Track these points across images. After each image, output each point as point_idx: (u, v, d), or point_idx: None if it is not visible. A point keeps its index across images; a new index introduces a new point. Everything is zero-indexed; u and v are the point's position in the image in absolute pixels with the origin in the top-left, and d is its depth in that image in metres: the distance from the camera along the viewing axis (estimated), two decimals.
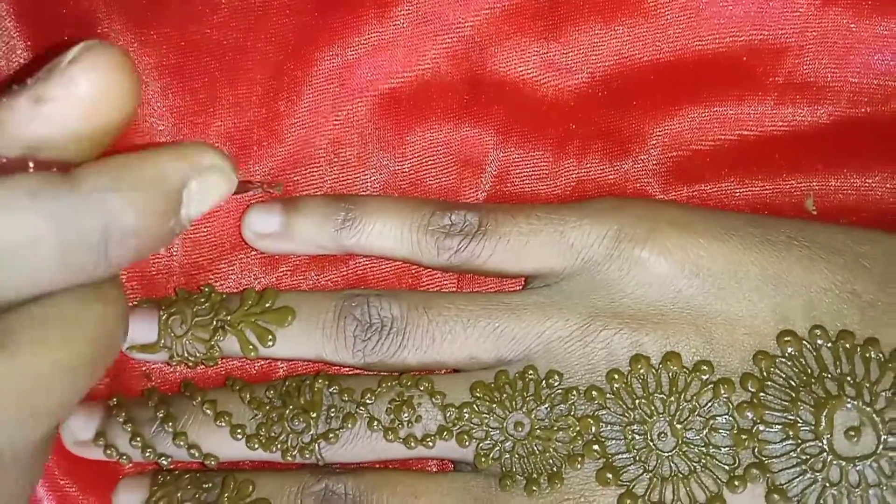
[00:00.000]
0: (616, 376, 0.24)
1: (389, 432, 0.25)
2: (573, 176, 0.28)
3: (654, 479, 0.23)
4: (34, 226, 0.15)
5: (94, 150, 0.17)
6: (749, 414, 0.23)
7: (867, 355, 0.23)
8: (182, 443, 0.25)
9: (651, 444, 0.23)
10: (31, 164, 0.16)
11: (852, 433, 0.22)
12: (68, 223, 0.16)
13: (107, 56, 0.16)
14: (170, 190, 0.17)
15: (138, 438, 0.25)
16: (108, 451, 0.26)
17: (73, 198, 0.16)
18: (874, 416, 0.22)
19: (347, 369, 0.27)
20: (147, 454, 0.25)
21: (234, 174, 0.18)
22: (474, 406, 0.24)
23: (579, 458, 0.23)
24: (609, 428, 0.24)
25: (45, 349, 0.16)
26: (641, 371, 0.24)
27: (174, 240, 0.17)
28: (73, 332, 0.17)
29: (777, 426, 0.23)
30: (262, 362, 0.27)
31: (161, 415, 0.26)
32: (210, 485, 0.25)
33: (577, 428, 0.24)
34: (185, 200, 0.18)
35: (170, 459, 0.26)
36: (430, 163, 0.28)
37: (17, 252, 0.15)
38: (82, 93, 0.16)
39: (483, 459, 0.24)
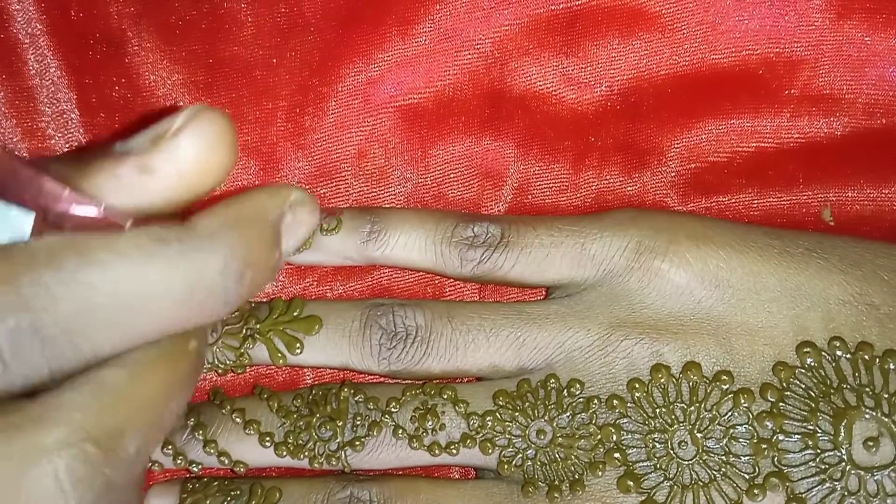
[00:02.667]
0: (637, 385, 0.24)
1: (414, 440, 0.25)
2: (593, 188, 0.28)
3: (675, 487, 0.23)
4: (165, 272, 0.16)
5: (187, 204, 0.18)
6: (768, 423, 0.23)
7: (886, 367, 0.23)
8: (212, 450, 0.26)
9: (672, 452, 0.24)
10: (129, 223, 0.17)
11: (871, 443, 0.23)
12: (193, 266, 0.16)
13: (213, 124, 0.17)
14: (270, 224, 0.18)
15: (170, 446, 0.26)
16: None
17: (195, 242, 0.16)
18: (892, 426, 0.22)
19: (373, 378, 0.27)
20: (178, 461, 0.26)
21: (318, 207, 0.19)
22: (497, 414, 0.25)
23: (601, 466, 0.24)
24: (630, 436, 0.24)
25: (166, 368, 0.17)
26: (662, 380, 0.24)
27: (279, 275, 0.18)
28: (184, 353, 0.18)
29: (796, 436, 0.23)
30: (289, 370, 0.28)
31: (192, 423, 0.26)
32: (238, 491, 0.26)
33: (599, 436, 0.24)
34: (283, 233, 0.18)
35: (200, 466, 0.26)
36: (452, 175, 0.28)
37: (151, 299, 0.16)
38: (189, 166, 0.17)
39: (506, 467, 0.24)
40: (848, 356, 0.23)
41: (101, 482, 0.15)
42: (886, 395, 0.23)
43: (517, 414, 0.25)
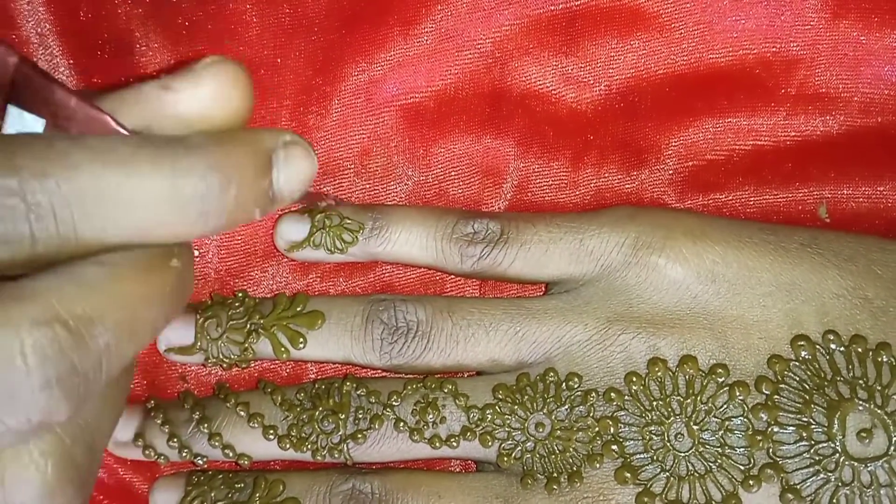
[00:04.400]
0: (634, 379, 0.24)
1: (415, 433, 0.25)
2: (591, 185, 0.28)
3: (672, 478, 0.24)
4: (144, 169, 0.17)
5: None
6: (763, 415, 0.23)
7: (879, 359, 0.23)
8: (217, 443, 0.26)
9: (668, 444, 0.24)
10: None
11: (864, 435, 0.23)
12: (177, 169, 0.17)
13: (231, 69, 0.18)
14: (261, 150, 0.19)
15: (175, 439, 0.26)
16: (147, 452, 0.27)
17: (182, 147, 0.17)
18: (886, 418, 0.23)
19: (375, 372, 0.27)
20: (183, 454, 0.26)
21: (314, 154, 0.20)
22: (497, 407, 0.25)
23: (598, 458, 0.24)
24: (627, 428, 0.24)
25: (145, 275, 0.18)
26: (659, 374, 0.24)
27: (273, 208, 0.19)
28: (165, 267, 0.18)
29: (791, 427, 0.23)
30: (293, 365, 0.28)
31: (197, 416, 0.26)
32: (242, 484, 0.26)
33: (597, 428, 0.24)
34: (276, 164, 0.19)
35: (205, 459, 0.26)
36: (453, 173, 0.28)
37: (128, 194, 0.17)
38: (203, 91, 0.18)
39: (505, 459, 0.25)
40: (842, 349, 0.24)
41: (67, 365, 0.16)
42: (879, 387, 0.23)
43: (516, 407, 0.25)
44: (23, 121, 0.17)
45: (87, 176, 0.16)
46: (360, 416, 0.26)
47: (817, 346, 0.24)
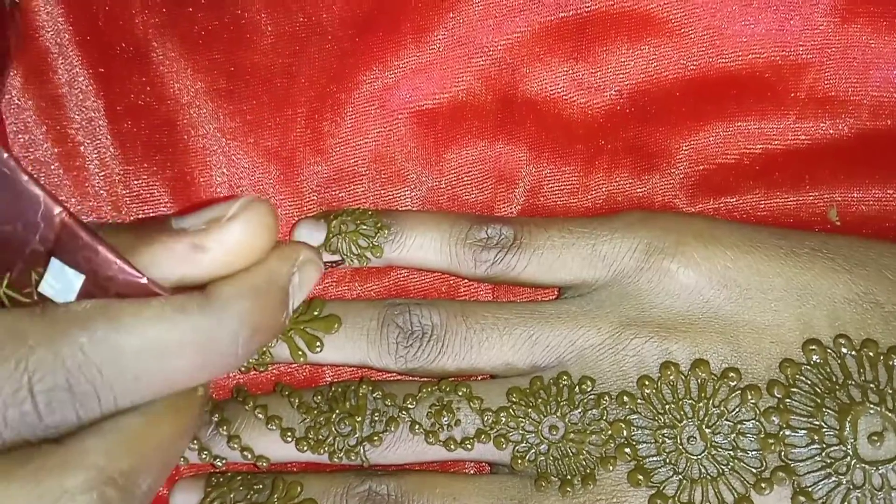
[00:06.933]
0: (647, 382, 0.24)
1: (430, 435, 0.25)
2: (603, 190, 0.28)
3: (684, 481, 0.24)
4: (182, 336, 0.18)
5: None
6: (775, 419, 0.23)
7: (890, 363, 0.23)
8: (236, 445, 0.26)
9: (681, 447, 0.24)
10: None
11: (875, 438, 0.23)
12: (208, 333, 0.18)
13: (261, 215, 0.19)
14: (281, 288, 0.20)
15: (195, 441, 0.26)
16: None
17: (211, 311, 0.18)
18: None
19: (390, 375, 0.28)
20: (203, 456, 0.26)
21: (322, 263, 0.21)
22: (511, 410, 0.25)
23: (611, 461, 0.24)
24: (640, 432, 0.24)
25: (179, 414, 0.19)
26: (671, 377, 0.24)
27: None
28: (193, 399, 0.20)
29: (803, 431, 0.23)
30: (309, 368, 0.28)
31: (216, 419, 0.27)
32: (261, 486, 0.26)
33: (609, 431, 0.24)
34: (291, 294, 0.20)
35: (224, 461, 0.27)
36: (466, 178, 0.28)
37: (165, 361, 0.18)
38: (237, 248, 0.19)
39: (519, 461, 0.25)
40: (853, 353, 0.24)
41: None
42: (891, 391, 0.23)
43: (530, 410, 0.25)
44: (64, 275, 0.18)
45: (128, 357, 0.17)
46: (377, 418, 0.26)
47: (829, 350, 0.24)
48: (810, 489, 0.23)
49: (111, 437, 0.17)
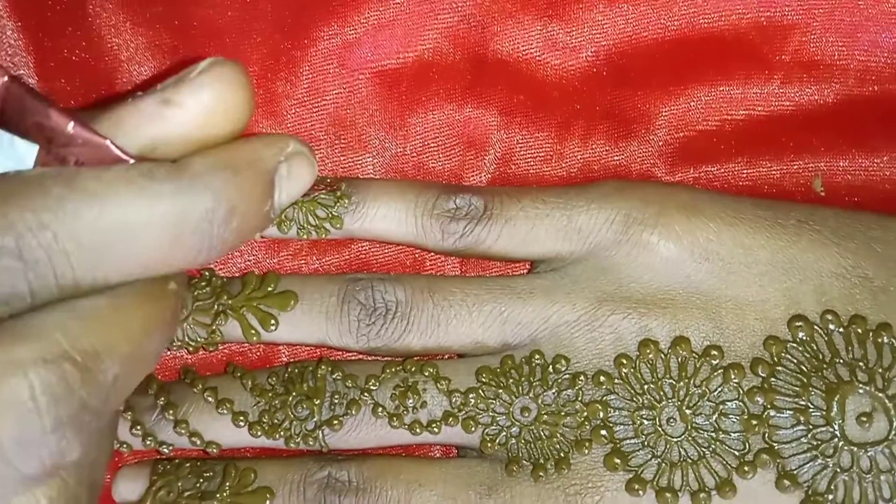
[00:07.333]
0: (624, 361, 0.24)
1: (394, 418, 0.25)
2: (578, 157, 0.28)
3: (663, 465, 0.23)
4: (150, 205, 0.16)
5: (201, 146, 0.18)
6: (759, 399, 0.23)
7: (880, 340, 0.23)
8: (183, 430, 0.25)
9: (660, 429, 0.23)
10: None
11: (864, 419, 0.22)
12: (179, 204, 0.17)
13: (231, 72, 0.18)
14: (264, 171, 0.18)
15: (139, 426, 0.25)
16: None
17: (183, 180, 0.17)
18: (886, 401, 0.22)
19: (351, 355, 0.27)
20: (148, 442, 0.25)
21: (315, 161, 0.20)
22: (480, 391, 0.24)
23: (587, 444, 0.24)
24: (617, 413, 0.24)
25: (146, 304, 0.18)
26: (650, 356, 0.24)
27: (269, 226, 0.19)
28: (164, 293, 0.18)
29: (788, 411, 0.23)
30: (263, 348, 0.27)
31: (162, 402, 0.26)
32: (211, 473, 0.25)
33: (585, 413, 0.24)
34: (277, 184, 0.19)
35: (170, 447, 0.26)
36: (432, 145, 0.27)
37: (129, 233, 0.16)
38: (205, 101, 0.17)
39: (489, 445, 0.24)
40: (841, 330, 0.23)
41: (77, 401, 0.16)
42: (880, 370, 0.23)
43: (501, 391, 0.24)
44: (14, 148, 0.16)
45: (86, 223, 0.16)
46: (336, 401, 0.25)
47: (815, 327, 0.23)
48: (795, 472, 0.23)
49: (70, 313, 0.16)
